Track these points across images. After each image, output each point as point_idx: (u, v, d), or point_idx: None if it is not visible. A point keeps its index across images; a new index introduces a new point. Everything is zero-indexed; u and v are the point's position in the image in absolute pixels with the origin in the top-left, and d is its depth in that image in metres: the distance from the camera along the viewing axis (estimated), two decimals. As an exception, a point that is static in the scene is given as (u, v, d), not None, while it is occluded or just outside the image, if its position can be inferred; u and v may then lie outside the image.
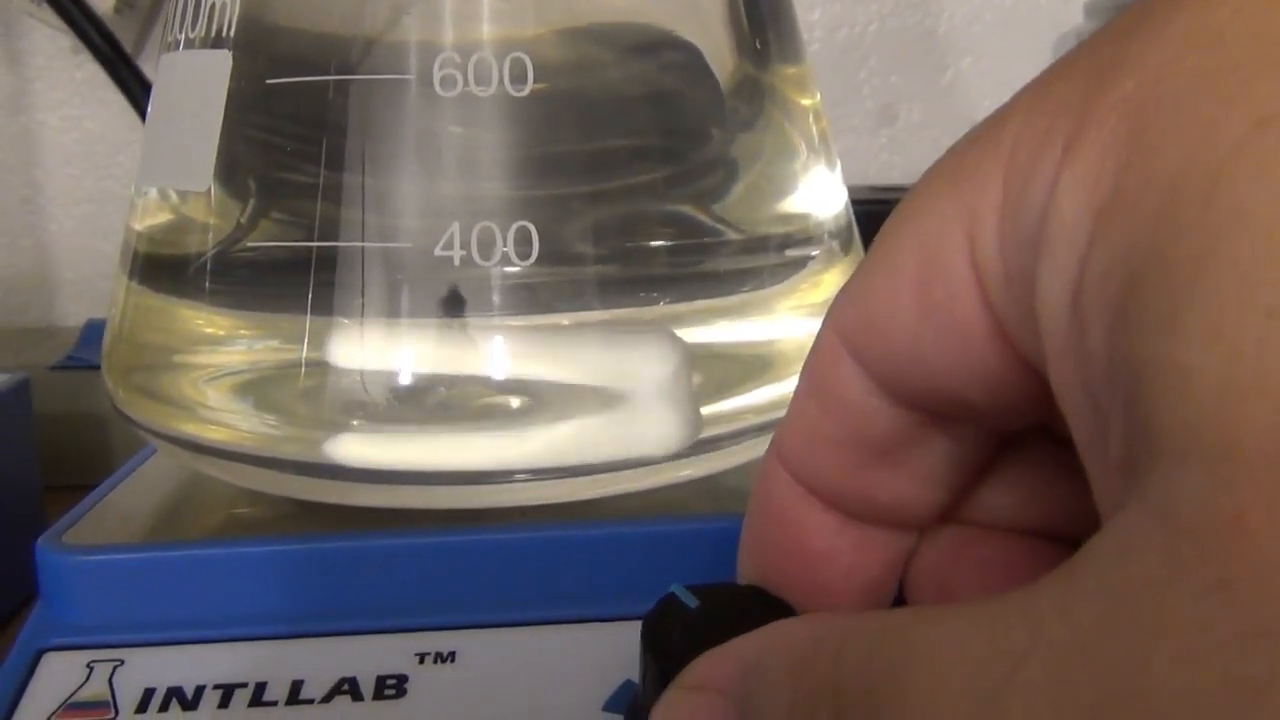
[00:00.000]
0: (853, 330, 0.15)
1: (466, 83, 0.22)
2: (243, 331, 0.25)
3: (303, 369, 0.23)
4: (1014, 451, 0.17)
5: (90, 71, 0.55)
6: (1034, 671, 0.10)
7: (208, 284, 0.25)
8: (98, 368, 0.27)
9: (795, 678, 0.12)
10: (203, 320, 0.25)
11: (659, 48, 0.25)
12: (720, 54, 0.26)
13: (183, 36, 0.25)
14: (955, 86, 0.56)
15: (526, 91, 0.22)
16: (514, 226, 0.22)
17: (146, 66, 0.49)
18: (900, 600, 0.18)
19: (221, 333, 0.25)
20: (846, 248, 0.29)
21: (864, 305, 0.15)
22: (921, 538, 0.17)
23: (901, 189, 0.52)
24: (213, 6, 0.24)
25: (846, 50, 0.56)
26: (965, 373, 0.14)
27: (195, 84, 0.25)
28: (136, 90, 0.50)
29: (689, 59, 0.25)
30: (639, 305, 0.24)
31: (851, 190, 0.51)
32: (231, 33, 0.24)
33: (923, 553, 0.17)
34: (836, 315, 0.15)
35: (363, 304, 0.23)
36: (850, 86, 0.56)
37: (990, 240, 0.13)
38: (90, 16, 0.50)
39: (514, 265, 0.22)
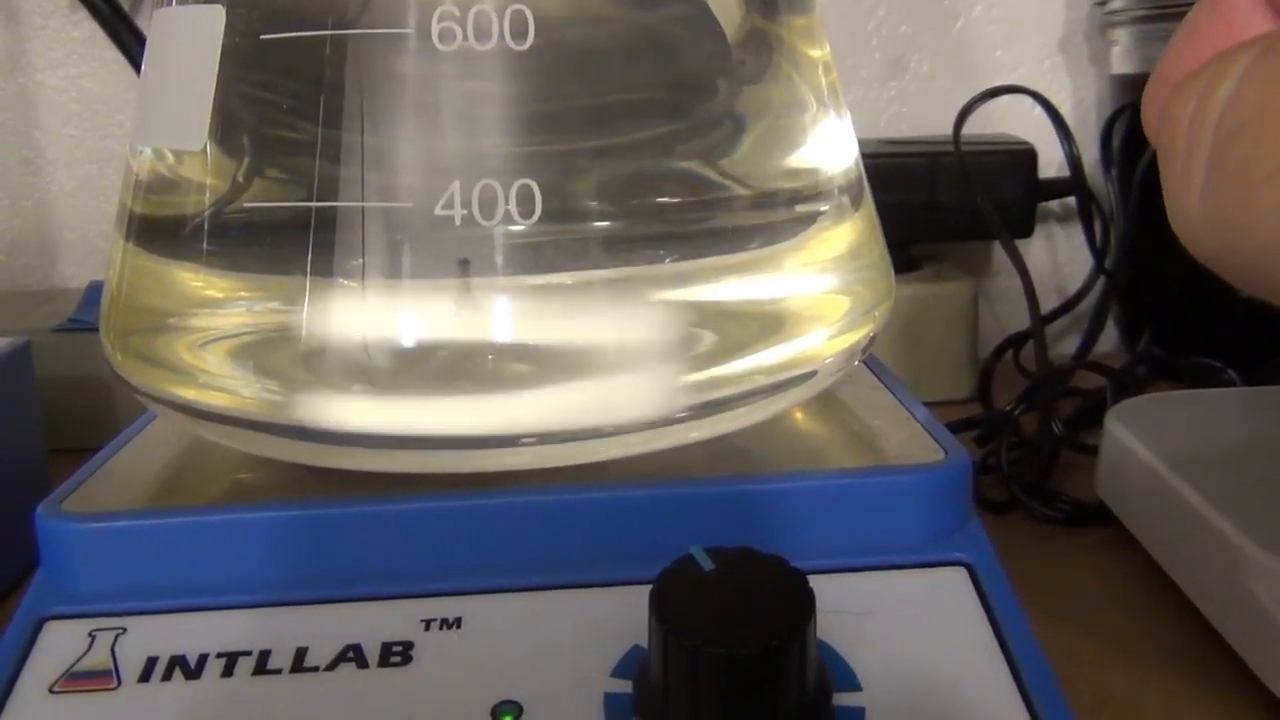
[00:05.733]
0: None
1: (466, 37, 0.22)
2: (241, 293, 0.24)
3: (303, 331, 0.23)
4: None
5: (88, 30, 0.54)
6: None
7: (205, 245, 0.24)
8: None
9: None
10: (201, 282, 0.25)
11: (662, 0, 0.25)
12: (726, 5, 0.25)
13: (175, -9, 0.25)
14: (966, 36, 0.55)
15: (527, 45, 0.22)
16: (516, 184, 0.22)
17: (145, 23, 0.49)
18: None
19: (220, 295, 0.24)
20: (857, 202, 0.28)
21: None
22: None
23: (911, 141, 0.51)
24: (205, -40, 0.24)
25: (856, 0, 0.54)
26: None
27: (188, 41, 0.24)
28: (134, 48, 0.49)
29: (693, 11, 0.25)
30: (645, 263, 0.24)
31: (860, 144, 0.50)
32: (224, -13, 0.23)
33: None
34: None
35: (363, 264, 0.23)
36: (859, 37, 0.55)
37: None
38: (86, -28, 0.49)
39: (516, 224, 0.22)
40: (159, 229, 0.26)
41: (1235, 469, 0.32)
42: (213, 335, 0.24)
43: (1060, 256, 0.57)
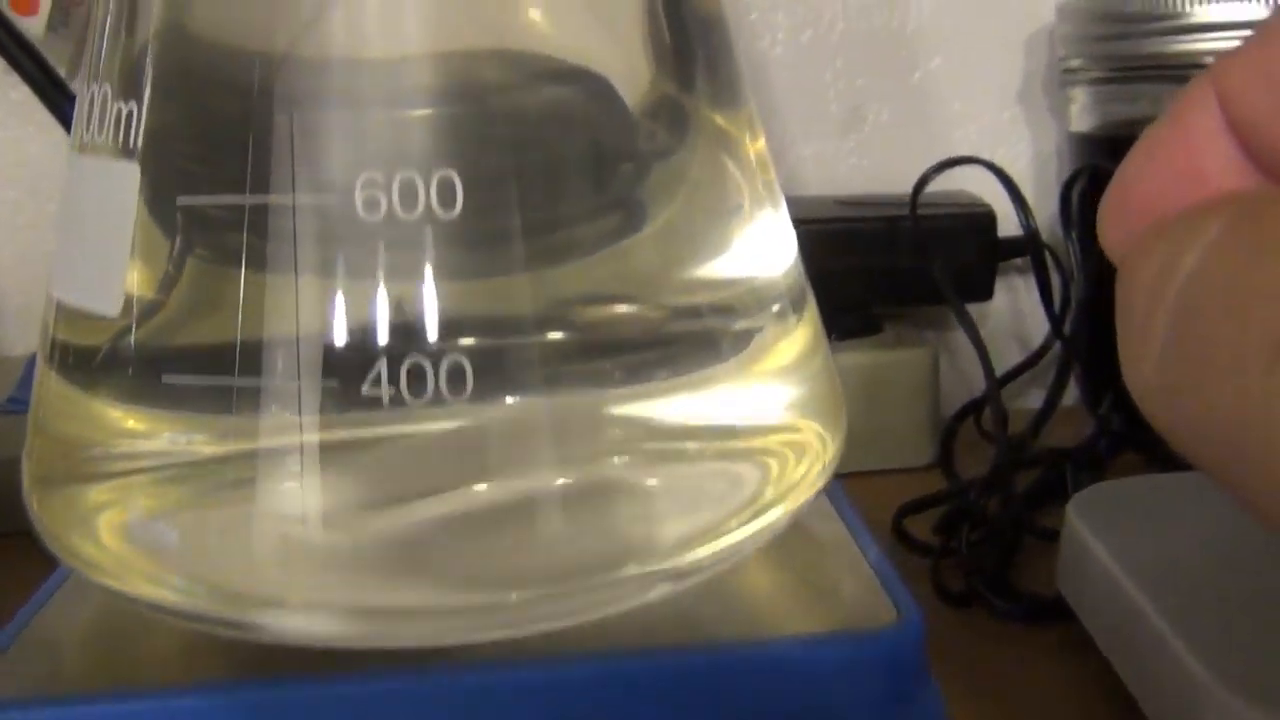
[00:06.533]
0: None
1: (392, 207, 0.21)
2: (168, 438, 0.23)
3: (234, 508, 0.22)
4: None
5: (26, 92, 0.52)
6: None
7: (127, 395, 0.23)
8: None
9: None
10: (131, 422, 0.24)
11: (571, 85, 0.24)
12: (640, 95, 0.24)
13: (90, 139, 0.24)
14: (924, 87, 0.54)
15: (454, 213, 0.21)
16: (446, 361, 0.21)
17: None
18: None
19: (143, 435, 0.23)
20: (800, 308, 0.26)
21: None
22: None
23: (869, 203, 0.50)
24: (119, 114, 0.23)
25: (812, 53, 0.54)
26: None
27: (103, 196, 0.23)
28: (69, 112, 0.48)
29: (603, 96, 0.24)
30: (573, 390, 0.23)
31: (817, 203, 0.50)
32: (138, 144, 0.22)
33: None
34: None
35: (300, 434, 0.22)
36: (815, 90, 0.54)
37: None
38: (17, 38, 0.48)
39: (445, 401, 0.21)
40: (78, 370, 0.25)
41: (1199, 575, 0.31)
42: (135, 502, 0.23)
43: (1024, 307, 0.56)
